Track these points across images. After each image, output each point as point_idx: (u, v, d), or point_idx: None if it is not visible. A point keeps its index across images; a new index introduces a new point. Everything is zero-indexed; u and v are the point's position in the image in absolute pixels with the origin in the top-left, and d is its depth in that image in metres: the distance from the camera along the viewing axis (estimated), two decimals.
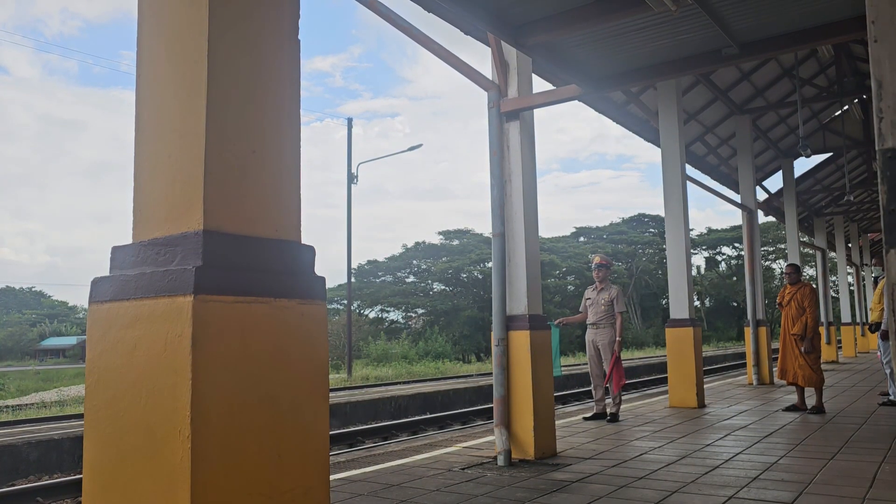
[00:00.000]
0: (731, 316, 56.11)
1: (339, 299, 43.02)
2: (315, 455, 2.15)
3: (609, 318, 7.61)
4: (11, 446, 8.27)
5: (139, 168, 2.20)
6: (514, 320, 5.63)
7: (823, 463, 4.98)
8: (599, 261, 7.96)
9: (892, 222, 1.92)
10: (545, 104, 5.90)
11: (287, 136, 2.25)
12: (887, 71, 2.00)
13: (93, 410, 2.10)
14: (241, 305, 1.98)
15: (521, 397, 5.51)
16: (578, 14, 4.96)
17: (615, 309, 7.59)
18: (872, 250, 26.02)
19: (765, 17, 5.18)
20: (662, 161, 8.91)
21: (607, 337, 7.57)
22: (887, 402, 8.27)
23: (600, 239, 57.80)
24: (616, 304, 7.61)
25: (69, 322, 73.40)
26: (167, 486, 1.86)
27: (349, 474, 5.00)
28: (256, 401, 2.00)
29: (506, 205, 5.78)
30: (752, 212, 12.37)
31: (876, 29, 2.05)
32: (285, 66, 2.27)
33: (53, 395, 20.01)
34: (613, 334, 7.55)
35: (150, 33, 2.24)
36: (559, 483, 4.56)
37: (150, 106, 2.20)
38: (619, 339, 7.52)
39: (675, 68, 5.89)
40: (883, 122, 1.97)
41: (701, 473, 4.72)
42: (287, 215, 2.22)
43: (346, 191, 23.38)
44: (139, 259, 2.09)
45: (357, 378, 20.97)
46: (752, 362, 11.82)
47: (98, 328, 2.12)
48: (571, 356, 32.90)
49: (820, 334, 8.05)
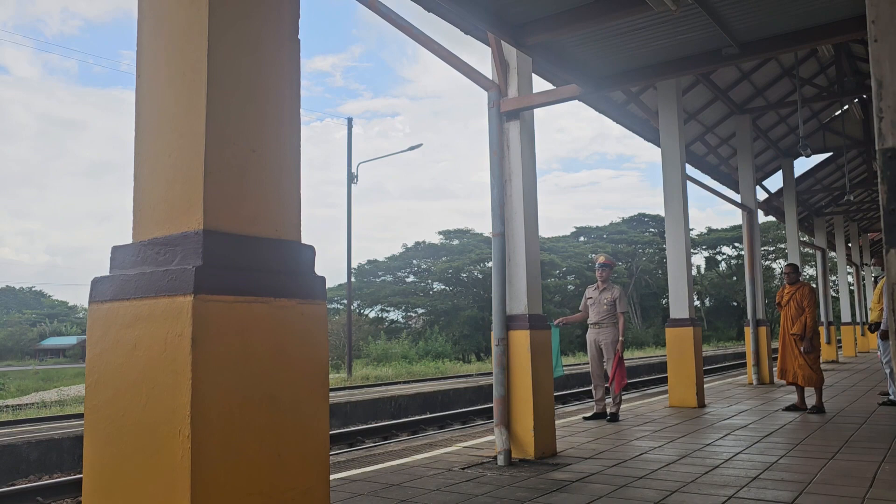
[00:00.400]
0: (731, 316, 56.11)
1: (339, 299, 43.03)
2: (315, 454, 2.15)
3: (611, 318, 7.61)
4: (11, 446, 8.27)
5: (139, 168, 2.20)
6: (514, 320, 5.63)
7: (823, 463, 4.98)
8: (604, 260, 7.96)
9: (892, 222, 1.92)
10: (545, 104, 5.90)
11: (287, 136, 2.25)
12: (887, 70, 2.00)
13: (93, 410, 2.10)
14: (241, 305, 1.98)
15: (522, 397, 5.51)
16: (578, 14, 4.96)
17: (617, 309, 7.60)
18: (872, 250, 26.03)
19: (765, 16, 5.18)
20: (662, 161, 8.91)
21: (610, 336, 7.57)
22: (887, 402, 8.27)
23: (600, 239, 57.80)
24: (618, 304, 7.61)
25: (69, 322, 73.40)
26: (167, 485, 1.86)
27: (349, 474, 5.00)
28: (256, 400, 2.00)
29: (506, 204, 5.78)
30: (752, 211, 12.37)
31: (876, 28, 2.05)
32: (285, 65, 2.27)
33: (53, 395, 20.02)
34: (616, 334, 7.56)
35: (150, 33, 2.24)
36: (559, 483, 4.56)
37: (150, 106, 2.20)
38: (621, 339, 7.53)
39: (675, 68, 5.89)
40: (883, 121, 1.97)
41: (701, 473, 4.72)
42: (287, 215, 2.22)
43: (346, 190, 23.40)
44: (139, 259, 2.09)
45: (357, 378, 20.97)
46: (752, 362, 11.82)
47: (98, 328, 2.12)
48: (571, 356, 32.90)
49: (819, 334, 8.05)
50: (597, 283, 7.85)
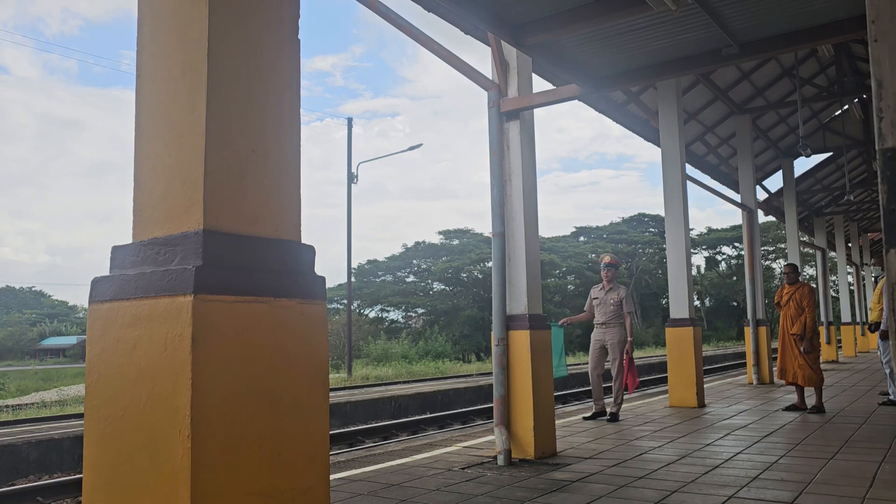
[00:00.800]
0: (731, 315, 56.11)
1: (339, 299, 43.02)
2: (315, 454, 2.15)
3: (618, 318, 7.62)
4: (11, 446, 8.27)
5: (139, 167, 2.20)
6: (514, 320, 5.63)
7: (823, 462, 4.98)
8: (609, 260, 7.97)
9: (892, 222, 1.92)
10: (545, 104, 5.90)
11: (287, 136, 2.25)
12: (887, 70, 2.00)
13: (93, 410, 2.10)
14: (241, 305, 1.98)
15: (521, 397, 5.51)
16: (579, 13, 4.96)
17: (624, 309, 7.61)
18: (872, 250, 26.03)
19: (765, 16, 5.18)
20: (662, 161, 8.91)
21: (616, 336, 7.58)
22: (887, 402, 8.27)
23: (600, 239, 57.80)
24: (625, 304, 7.63)
25: (69, 322, 73.40)
26: (167, 485, 1.86)
27: (349, 474, 5.00)
28: (257, 400, 2.00)
29: (506, 204, 5.78)
30: (752, 211, 12.37)
31: (876, 28, 2.05)
32: (285, 65, 2.27)
33: (53, 395, 20.01)
34: (623, 334, 7.57)
35: (151, 33, 2.24)
36: (559, 483, 4.56)
37: (151, 105, 2.20)
38: (630, 339, 7.56)
39: (675, 68, 5.89)
40: (883, 121, 1.97)
41: (701, 473, 4.72)
42: (287, 215, 2.22)
43: (346, 190, 23.39)
44: (139, 259, 2.09)
45: (357, 378, 20.97)
46: (752, 362, 11.82)
47: (98, 328, 2.12)
48: (571, 356, 32.88)
49: (819, 334, 8.06)
50: (602, 283, 7.85)
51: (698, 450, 5.61)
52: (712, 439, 6.11)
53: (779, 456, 5.27)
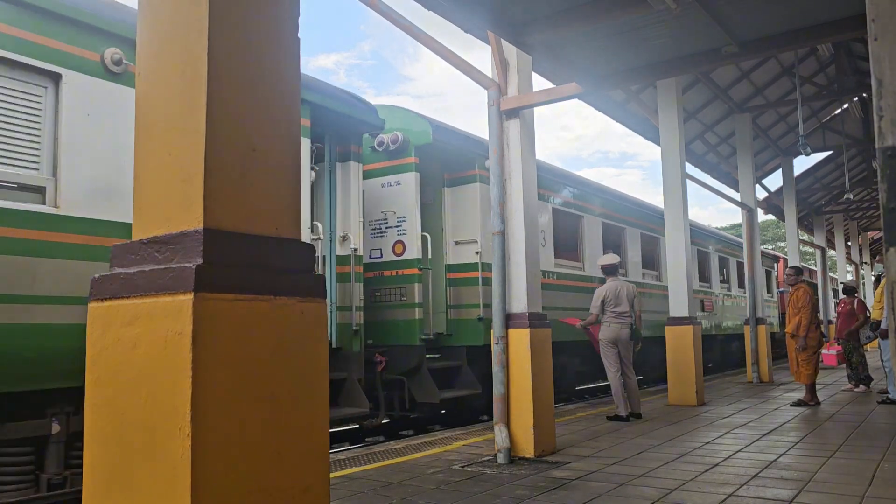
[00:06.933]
0: None
1: None
2: (315, 453, 2.15)
3: (630, 316, 7.69)
4: None
5: (140, 166, 2.20)
6: (513, 318, 5.64)
7: (823, 461, 4.98)
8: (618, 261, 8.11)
9: (891, 220, 1.92)
10: (545, 102, 5.90)
11: (288, 134, 2.25)
12: (887, 69, 2.00)
13: (93, 409, 2.10)
14: (241, 303, 1.98)
15: (521, 395, 5.51)
16: (578, 12, 4.95)
17: (635, 307, 7.65)
18: (872, 249, 26.05)
19: (764, 15, 5.18)
20: (662, 159, 8.91)
21: (627, 334, 7.62)
22: (886, 401, 8.29)
23: None
24: (636, 302, 7.67)
25: None
26: (168, 483, 1.86)
27: (349, 472, 5.01)
28: (257, 398, 2.00)
29: (506, 203, 5.78)
30: (752, 210, 12.37)
31: (876, 27, 2.05)
32: (286, 63, 2.27)
33: None
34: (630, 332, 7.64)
35: (151, 31, 2.24)
36: (559, 481, 4.56)
37: (151, 104, 2.20)
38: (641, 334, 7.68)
39: (674, 67, 5.88)
40: (883, 120, 1.97)
41: (700, 471, 4.72)
42: (287, 213, 2.22)
43: None
44: (139, 257, 2.09)
45: None
46: (752, 360, 11.83)
47: (98, 326, 2.12)
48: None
49: (815, 332, 8.23)
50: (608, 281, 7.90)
51: (698, 448, 5.61)
52: (712, 437, 6.11)
53: (779, 454, 5.27)
